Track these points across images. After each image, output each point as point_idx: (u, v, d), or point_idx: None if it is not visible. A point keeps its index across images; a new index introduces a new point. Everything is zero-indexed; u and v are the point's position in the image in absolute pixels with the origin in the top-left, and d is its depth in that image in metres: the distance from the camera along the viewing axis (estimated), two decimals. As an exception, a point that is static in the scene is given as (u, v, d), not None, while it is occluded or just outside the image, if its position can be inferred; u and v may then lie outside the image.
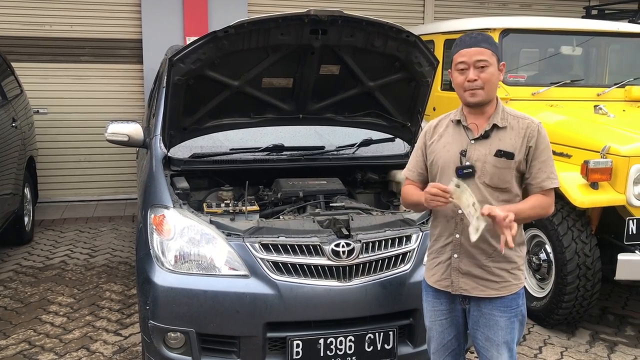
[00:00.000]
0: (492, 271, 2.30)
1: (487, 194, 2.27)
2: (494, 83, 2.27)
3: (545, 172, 2.27)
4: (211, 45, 2.93)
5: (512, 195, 2.30)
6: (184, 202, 2.98)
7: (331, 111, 3.55)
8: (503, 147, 2.27)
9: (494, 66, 2.25)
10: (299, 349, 2.71)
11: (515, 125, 2.29)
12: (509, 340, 2.32)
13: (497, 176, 2.27)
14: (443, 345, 2.47)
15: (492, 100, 2.31)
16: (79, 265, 5.18)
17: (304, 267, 2.73)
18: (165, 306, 2.69)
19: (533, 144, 2.26)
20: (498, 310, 2.31)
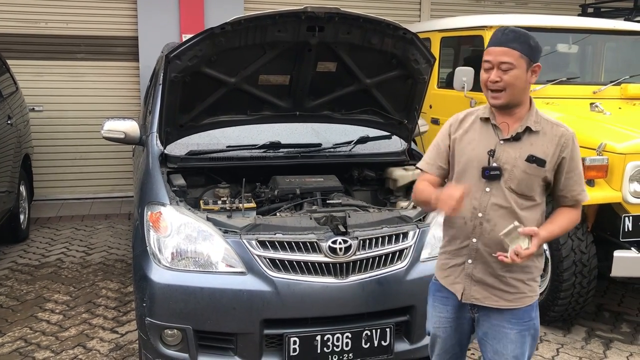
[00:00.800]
0: (506, 281, 2.18)
1: (511, 200, 2.15)
2: (518, 86, 2.11)
3: (580, 184, 2.20)
4: (208, 42, 2.92)
5: (535, 204, 2.19)
6: (181, 199, 2.97)
7: (328, 108, 3.54)
8: (535, 152, 2.15)
9: (520, 69, 2.09)
10: (296, 346, 2.71)
11: (549, 132, 2.17)
12: (518, 355, 2.20)
13: (525, 183, 2.15)
14: (445, 350, 2.41)
15: (523, 102, 2.18)
16: (75, 263, 5.17)
17: (301, 264, 2.73)
18: (162, 303, 2.68)
19: (567, 154, 2.15)
20: (509, 323, 2.20)
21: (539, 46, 2.14)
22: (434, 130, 5.64)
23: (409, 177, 3.57)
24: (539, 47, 2.14)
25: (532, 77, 2.14)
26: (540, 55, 2.15)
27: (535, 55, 2.12)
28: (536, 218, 2.19)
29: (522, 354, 2.22)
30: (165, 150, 3.35)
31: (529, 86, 2.17)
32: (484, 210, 2.17)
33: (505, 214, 2.15)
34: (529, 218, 2.16)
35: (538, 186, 2.17)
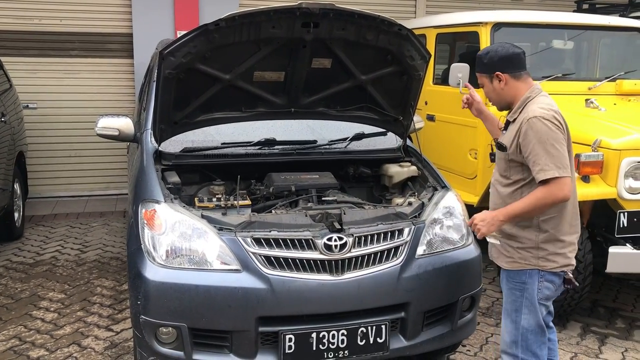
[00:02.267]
0: (504, 246, 2.63)
1: (496, 177, 2.70)
2: (492, 97, 2.67)
3: (538, 164, 2.43)
4: (202, 38, 2.90)
5: (511, 182, 2.60)
6: (175, 197, 2.95)
7: (323, 105, 3.53)
8: (503, 139, 2.63)
9: (486, 85, 2.66)
10: (291, 343, 2.70)
11: (518, 119, 2.54)
12: (508, 309, 2.63)
13: (499, 164, 2.66)
14: None
15: (513, 102, 2.61)
16: (69, 260, 5.16)
17: (296, 261, 2.72)
18: (156, 301, 2.67)
19: (521, 139, 2.48)
20: (505, 278, 2.67)
21: (495, 57, 2.58)
22: (429, 127, 5.66)
23: (405, 174, 3.57)
24: (495, 58, 2.57)
25: (501, 83, 2.59)
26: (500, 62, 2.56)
27: (489, 68, 2.60)
28: (512, 194, 2.58)
29: (514, 310, 2.61)
30: (160, 148, 3.33)
31: (508, 89, 2.59)
32: (491, 184, 2.75)
33: (494, 189, 2.72)
34: (505, 193, 2.61)
35: (510, 167, 2.58)
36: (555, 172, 2.39)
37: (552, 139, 2.41)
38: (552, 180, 2.40)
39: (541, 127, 2.41)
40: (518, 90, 2.58)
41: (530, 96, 2.55)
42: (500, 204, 2.61)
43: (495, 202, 2.68)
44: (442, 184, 3.36)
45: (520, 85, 2.58)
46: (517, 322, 2.60)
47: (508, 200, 2.58)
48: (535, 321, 2.58)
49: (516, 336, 2.62)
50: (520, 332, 2.60)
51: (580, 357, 3.63)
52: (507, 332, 2.66)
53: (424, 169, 3.55)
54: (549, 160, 2.40)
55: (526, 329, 2.59)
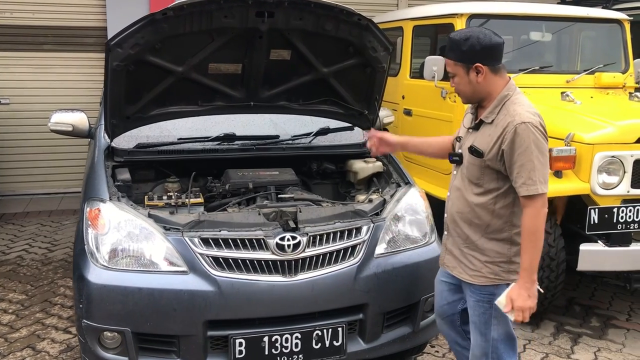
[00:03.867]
0: (467, 257, 2.40)
1: (464, 184, 2.37)
2: (463, 90, 2.32)
3: (522, 177, 2.17)
4: (149, 28, 2.77)
5: (484, 190, 2.31)
6: (123, 195, 2.83)
7: (284, 98, 3.40)
8: (478, 143, 2.30)
9: (458, 75, 2.30)
10: (242, 348, 2.58)
11: (500, 123, 2.24)
12: (477, 322, 2.40)
13: (471, 170, 2.34)
14: (440, 307, 2.64)
15: (487, 97, 2.31)
16: (35, 260, 5.01)
17: (246, 262, 2.60)
18: (99, 304, 2.54)
19: (506, 146, 2.19)
20: (470, 290, 2.42)
21: (477, 45, 2.23)
22: (407, 122, 5.54)
23: (369, 170, 3.45)
24: (476, 47, 2.23)
25: (480, 75, 2.26)
26: (483, 52, 2.23)
27: (469, 57, 2.25)
28: (484, 204, 2.31)
29: (484, 322, 2.38)
30: (112, 143, 3.20)
31: (484, 83, 2.27)
32: (450, 190, 2.48)
33: (459, 195, 2.40)
34: (476, 202, 2.33)
35: (484, 174, 2.30)
36: (542, 187, 2.17)
37: (542, 150, 2.18)
38: (538, 197, 2.17)
39: (531, 135, 2.16)
40: (495, 86, 2.28)
41: (508, 95, 2.27)
42: (469, 213, 2.35)
43: (461, 210, 2.38)
44: (405, 180, 3.25)
45: (498, 81, 2.28)
46: (487, 334, 2.40)
47: (479, 211, 2.32)
48: (504, 330, 2.39)
49: (486, 348, 2.43)
50: (491, 344, 2.41)
51: (551, 357, 3.52)
52: (477, 346, 2.44)
53: (389, 165, 3.43)
54: (537, 173, 2.16)
55: (496, 340, 2.40)
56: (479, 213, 2.33)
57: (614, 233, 3.52)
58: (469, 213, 2.35)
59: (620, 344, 3.71)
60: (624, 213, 3.49)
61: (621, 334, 3.85)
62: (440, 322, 2.70)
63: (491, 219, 2.31)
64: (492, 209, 2.30)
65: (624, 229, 3.51)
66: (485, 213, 2.32)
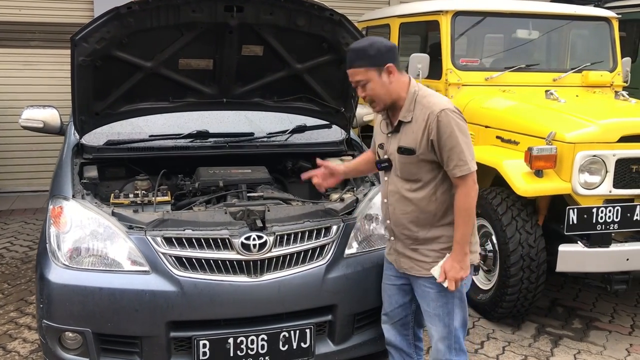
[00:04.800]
0: (422, 252, 2.40)
1: (400, 185, 2.40)
2: (380, 94, 2.31)
3: (453, 160, 2.26)
4: (115, 22, 2.72)
5: (423, 184, 2.36)
6: (88, 193, 2.77)
7: (258, 95, 3.34)
8: (405, 142, 2.34)
9: (372, 81, 2.28)
10: (205, 349, 2.53)
11: (419, 117, 2.30)
12: (441, 314, 2.40)
13: (405, 170, 2.37)
14: (391, 310, 2.62)
15: (399, 98, 2.34)
16: (15, 258, 4.96)
17: (210, 262, 2.55)
18: (59, 305, 2.49)
19: (434, 136, 2.26)
20: (429, 283, 2.40)
21: (383, 47, 2.28)
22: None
23: (345, 169, 3.38)
24: (383, 49, 2.27)
25: (391, 76, 2.29)
26: (389, 54, 2.28)
27: (379, 60, 2.26)
28: (428, 195, 2.35)
29: (447, 313, 2.40)
30: (82, 140, 3.14)
31: (397, 83, 2.31)
32: (387, 196, 2.47)
33: (399, 198, 2.41)
34: (418, 197, 2.36)
35: (420, 169, 2.33)
36: (472, 165, 2.27)
37: (464, 131, 2.28)
38: (469, 175, 2.25)
39: (451, 120, 2.24)
40: (403, 85, 2.33)
41: (416, 91, 2.33)
42: (413, 210, 2.36)
43: (406, 210, 2.38)
44: (380, 179, 3.18)
45: (404, 80, 2.34)
46: (450, 324, 2.42)
47: (423, 204, 2.35)
48: (462, 316, 2.46)
49: (450, 340, 2.44)
50: (453, 335, 2.43)
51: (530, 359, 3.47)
52: (441, 339, 2.44)
53: (365, 164, 3.36)
54: (465, 153, 2.24)
55: (456, 328, 2.44)
56: (423, 207, 2.36)
57: (594, 234, 3.45)
58: (414, 211, 2.37)
59: (601, 346, 3.65)
60: (603, 213, 3.42)
61: (603, 336, 3.79)
62: (389, 328, 2.65)
63: (436, 207, 2.35)
64: (435, 198, 2.35)
65: (603, 229, 3.44)
66: (428, 204, 2.35)
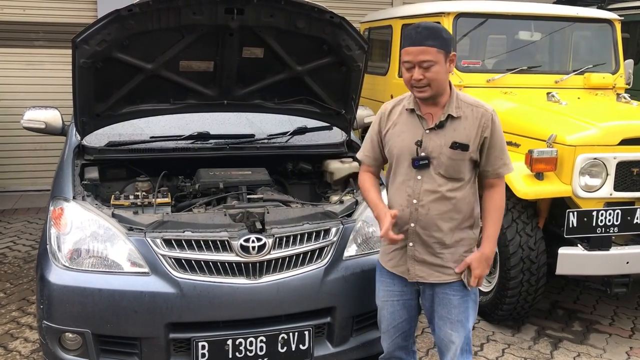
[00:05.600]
0: (445, 257, 2.32)
1: (440, 183, 2.29)
2: (441, 80, 2.23)
3: (502, 159, 2.32)
4: (116, 25, 2.73)
5: (464, 183, 2.33)
6: (88, 194, 2.78)
7: (259, 97, 3.35)
8: (458, 138, 2.27)
9: (439, 64, 2.19)
10: (204, 351, 2.53)
11: (470, 115, 2.28)
12: (462, 320, 2.36)
13: (452, 167, 2.29)
14: (394, 326, 2.50)
15: (445, 91, 2.29)
16: (18, 257, 4.98)
17: (209, 264, 2.55)
18: (59, 305, 2.50)
19: (488, 133, 2.27)
20: (452, 290, 2.34)
21: (449, 35, 2.25)
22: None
23: (345, 170, 3.40)
24: (450, 37, 2.25)
25: (451, 66, 2.25)
26: (451, 44, 2.24)
27: (450, 46, 2.23)
28: (466, 195, 2.32)
29: (467, 318, 2.37)
30: (83, 141, 3.16)
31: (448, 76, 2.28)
32: (418, 196, 2.31)
33: (437, 198, 2.29)
34: (459, 197, 2.30)
35: (466, 166, 2.30)
36: (513, 167, 2.39)
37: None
38: (502, 179, 2.38)
39: (499, 122, 2.33)
40: (448, 80, 2.30)
41: (454, 88, 2.33)
42: (450, 211, 2.28)
43: (442, 211, 2.27)
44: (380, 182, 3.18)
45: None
46: (468, 328, 2.39)
47: (460, 205, 2.28)
48: (474, 317, 2.44)
49: (468, 344, 2.41)
50: (468, 337, 2.41)
51: (529, 362, 3.47)
52: (464, 342, 2.38)
53: (365, 166, 3.36)
54: (508, 155, 2.37)
55: (469, 330, 2.41)
56: (459, 207, 2.31)
57: (594, 237, 3.45)
58: (451, 211, 2.30)
59: (601, 349, 3.65)
60: (603, 216, 3.42)
61: (603, 338, 3.79)
62: (389, 345, 2.53)
63: (467, 208, 2.33)
64: (468, 200, 2.33)
65: (603, 232, 3.44)
66: (463, 204, 2.32)
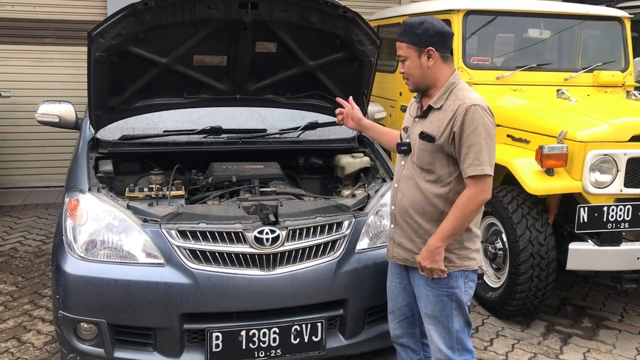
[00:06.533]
0: (419, 247, 2.36)
1: (415, 172, 2.37)
2: (414, 74, 2.32)
3: (470, 157, 2.22)
4: (131, 18, 2.76)
5: (437, 178, 2.32)
6: (103, 186, 2.81)
7: (271, 92, 3.38)
8: (428, 128, 2.32)
9: (410, 59, 2.31)
10: (218, 341, 2.56)
11: (449, 107, 2.28)
12: (439, 317, 2.38)
13: (422, 157, 2.34)
14: (397, 308, 2.58)
15: (435, 84, 2.33)
16: (29, 252, 5.02)
17: (224, 255, 2.58)
18: (74, 295, 2.53)
19: (457, 128, 2.23)
20: (428, 285, 2.37)
21: (432, 29, 2.27)
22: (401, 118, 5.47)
23: (356, 165, 3.42)
24: (431, 31, 2.27)
25: (430, 60, 2.29)
26: (436, 37, 2.27)
27: (423, 41, 2.27)
28: (438, 193, 2.32)
29: (446, 317, 2.37)
30: (97, 135, 3.19)
31: (434, 69, 2.30)
32: (399, 180, 2.45)
33: (411, 185, 2.38)
34: (430, 190, 2.33)
35: (436, 159, 2.30)
36: (488, 169, 2.21)
37: (491, 132, 2.23)
38: (482, 178, 2.20)
39: (480, 117, 2.21)
40: (442, 74, 2.31)
41: (455, 82, 2.32)
42: (421, 201, 2.33)
43: (414, 199, 2.36)
44: (391, 176, 3.21)
45: (446, 69, 2.32)
46: (450, 327, 2.39)
47: (432, 198, 2.32)
48: (464, 319, 2.41)
49: (451, 341, 2.41)
50: (455, 336, 2.41)
51: (539, 357, 3.47)
52: (441, 340, 2.41)
53: (376, 160, 3.39)
54: (484, 154, 2.19)
55: (458, 330, 2.41)
56: (432, 200, 2.33)
57: (604, 232, 3.46)
58: (422, 202, 2.34)
59: (610, 345, 3.66)
60: (614, 212, 3.42)
61: (612, 335, 3.79)
62: (396, 326, 2.61)
63: (444, 206, 2.31)
64: (446, 198, 2.31)
65: (614, 228, 3.44)
66: (438, 200, 2.32)
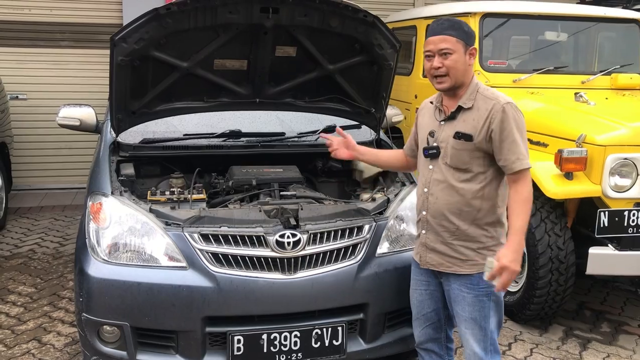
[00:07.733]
0: (456, 249, 2.38)
1: (447, 172, 2.38)
2: (459, 69, 2.32)
3: (514, 153, 2.26)
4: (154, 23, 2.77)
5: (473, 175, 2.35)
6: (126, 190, 2.83)
7: (290, 95, 3.39)
8: (463, 128, 2.34)
9: (457, 53, 2.30)
10: (240, 345, 2.57)
11: (482, 107, 2.31)
12: (477, 318, 2.38)
13: (457, 157, 2.35)
14: (423, 314, 2.59)
15: (465, 84, 2.36)
16: (47, 254, 5.06)
17: (245, 258, 2.59)
18: (98, 298, 2.55)
19: (496, 126, 2.26)
20: (465, 287, 2.38)
21: (473, 31, 2.37)
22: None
23: (375, 169, 3.41)
24: (473, 33, 2.37)
25: (471, 59, 2.36)
26: (473, 39, 2.37)
27: (470, 40, 2.34)
28: (474, 188, 2.34)
29: (484, 317, 2.38)
30: (118, 138, 3.21)
31: (470, 68, 2.38)
32: (429, 185, 2.44)
33: (444, 187, 2.39)
34: (466, 189, 2.34)
35: (473, 158, 2.33)
36: (529, 162, 2.28)
37: (524, 128, 2.31)
38: (528, 171, 2.27)
39: (516, 114, 2.28)
40: (470, 75, 2.38)
41: (478, 83, 2.38)
42: (458, 202, 2.34)
43: (450, 201, 2.36)
44: (410, 180, 3.21)
45: (472, 71, 2.40)
46: (486, 327, 2.40)
47: (469, 197, 2.32)
48: (498, 319, 2.43)
49: (485, 342, 2.42)
50: (489, 337, 2.42)
51: (558, 362, 3.46)
52: (478, 342, 2.41)
53: (395, 164, 3.38)
54: (524, 149, 2.27)
55: (492, 331, 2.42)
56: (469, 199, 2.34)
57: (625, 237, 3.44)
58: (459, 202, 2.36)
59: (630, 350, 3.63)
60: (635, 216, 3.40)
61: (632, 340, 3.76)
62: (421, 333, 2.62)
63: (481, 203, 2.34)
64: (482, 194, 2.34)
65: (635, 232, 3.42)
66: (475, 198, 2.34)
